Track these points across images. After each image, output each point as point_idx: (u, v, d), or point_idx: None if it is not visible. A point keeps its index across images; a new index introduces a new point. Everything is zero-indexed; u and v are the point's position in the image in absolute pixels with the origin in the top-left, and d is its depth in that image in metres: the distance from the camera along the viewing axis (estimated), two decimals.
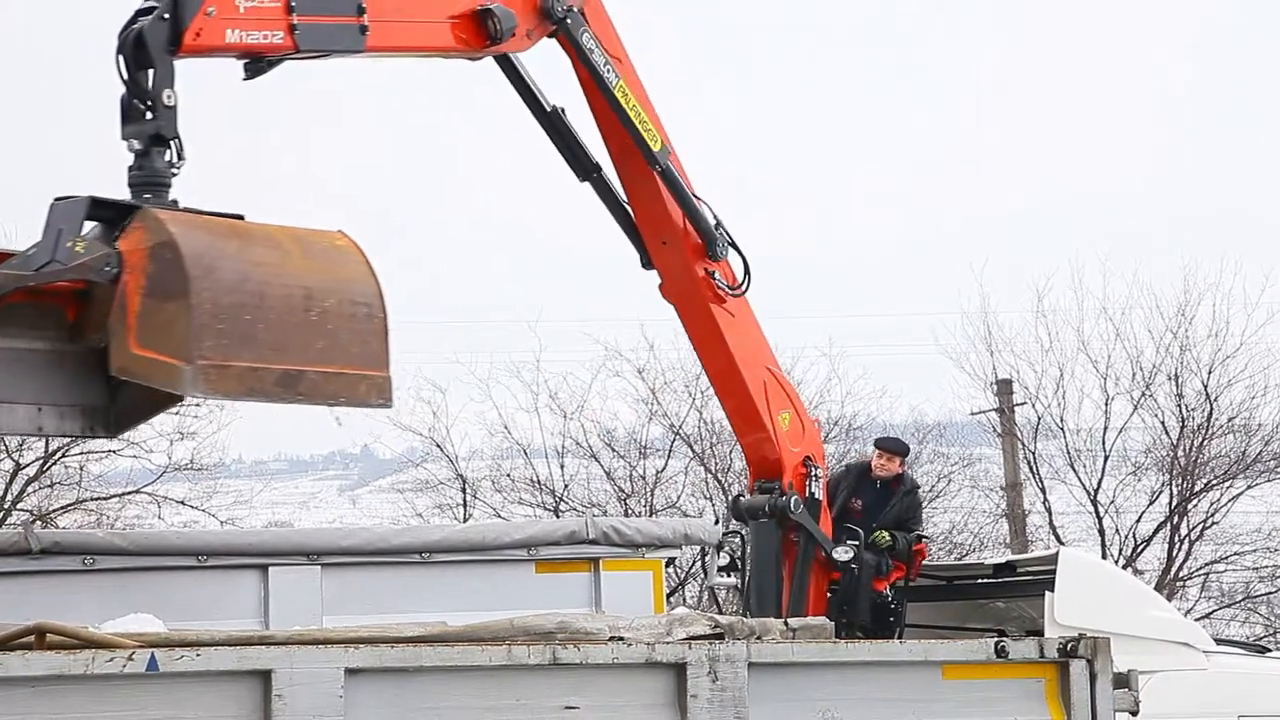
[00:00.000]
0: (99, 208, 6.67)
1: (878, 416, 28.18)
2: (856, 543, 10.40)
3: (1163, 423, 27.67)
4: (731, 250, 10.33)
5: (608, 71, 9.52)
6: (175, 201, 7.04)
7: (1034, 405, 28.32)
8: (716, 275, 10.21)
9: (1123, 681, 7.06)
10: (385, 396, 6.93)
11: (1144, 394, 27.66)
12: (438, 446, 27.81)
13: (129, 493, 25.61)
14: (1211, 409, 27.40)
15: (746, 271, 10.35)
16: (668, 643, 6.62)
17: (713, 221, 10.16)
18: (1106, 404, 27.82)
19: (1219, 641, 10.47)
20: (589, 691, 6.36)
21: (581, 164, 10.18)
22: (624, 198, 10.26)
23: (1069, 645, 6.94)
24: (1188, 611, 25.42)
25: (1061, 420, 28.13)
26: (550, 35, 9.39)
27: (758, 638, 6.90)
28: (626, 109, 9.68)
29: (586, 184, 10.24)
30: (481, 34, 8.81)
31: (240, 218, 7.05)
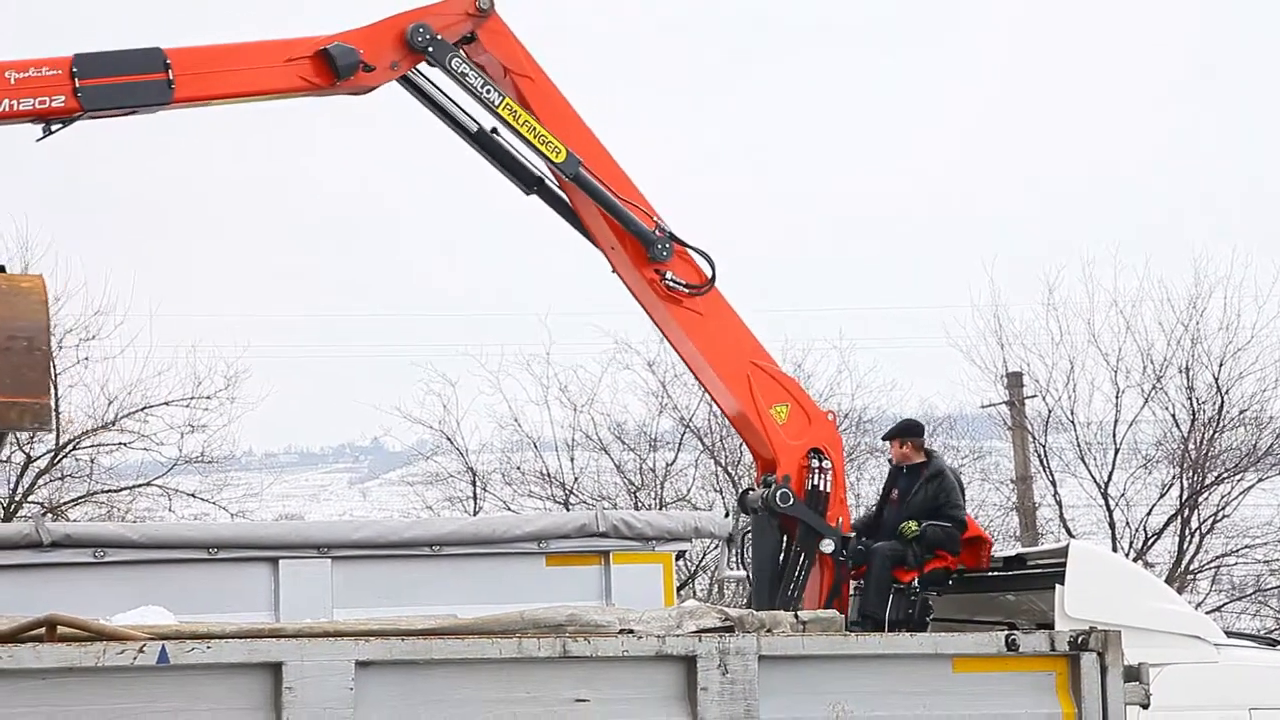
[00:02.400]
0: None
1: (888, 409, 28.17)
2: (841, 535, 10.22)
3: (1173, 416, 27.63)
4: (691, 250, 10.21)
5: (486, 93, 9.69)
6: None
7: (1044, 398, 28.31)
8: (669, 276, 10.09)
9: (1133, 674, 7.05)
10: (41, 420, 7.36)
11: (1155, 387, 27.62)
12: (448, 439, 27.84)
13: (140, 485, 25.63)
14: (1222, 402, 27.36)
15: (712, 269, 10.24)
16: (678, 635, 6.62)
17: (652, 224, 10.06)
18: (1117, 397, 27.78)
19: (1230, 634, 10.42)
20: (599, 684, 6.37)
21: (521, 179, 10.24)
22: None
23: (1079, 638, 6.94)
24: (1198, 604, 25.35)
25: (1072, 413, 28.11)
26: (427, 64, 9.69)
27: (768, 631, 6.89)
28: (516, 125, 9.79)
29: (533, 196, 10.28)
30: (330, 72, 9.35)
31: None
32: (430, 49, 9.61)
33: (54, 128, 8.87)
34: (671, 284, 10.13)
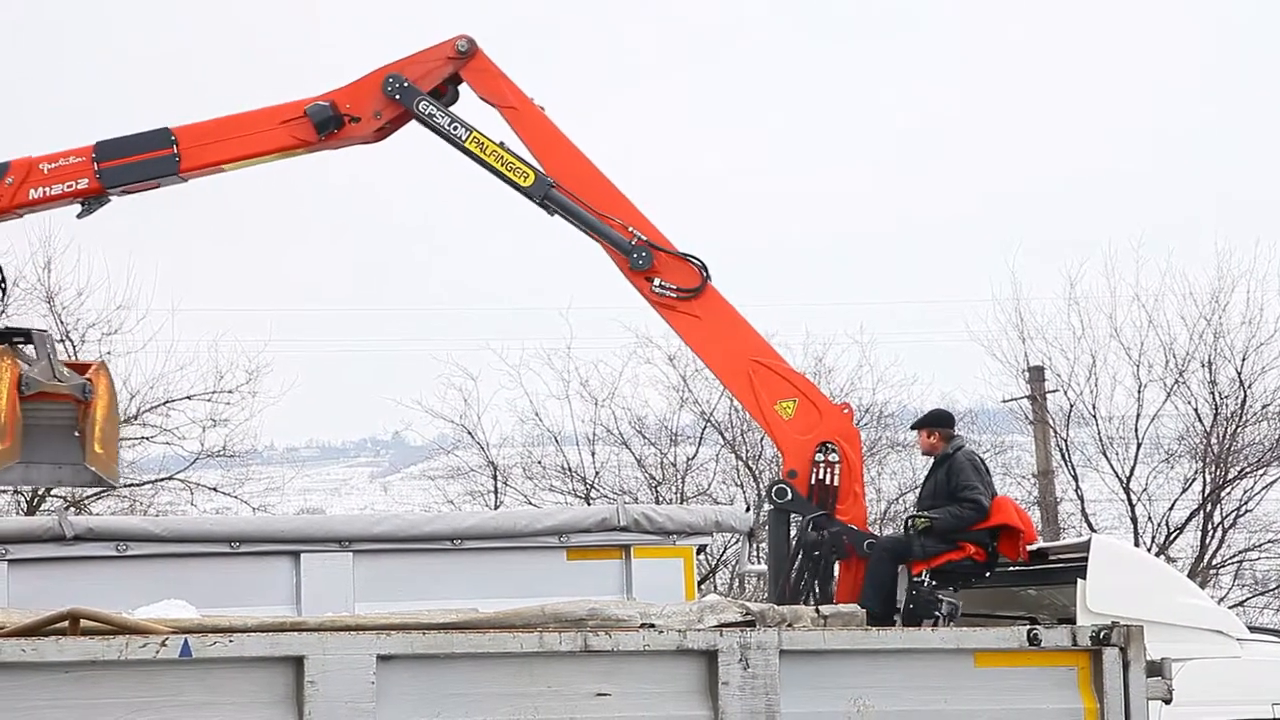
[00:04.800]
0: None
1: (909, 404, 28.11)
2: (828, 525, 10.10)
3: (1196, 410, 27.54)
4: (675, 256, 10.31)
5: (453, 130, 10.23)
6: None
7: (1066, 392, 28.21)
8: (659, 283, 10.28)
9: (1156, 669, 7.03)
10: None
11: (1177, 381, 27.51)
12: (469, 433, 27.87)
13: (162, 479, 25.68)
14: (1245, 396, 27.25)
15: (703, 272, 10.33)
16: (699, 630, 6.62)
17: (627, 234, 10.23)
18: (1139, 391, 27.68)
19: (1252, 629, 10.39)
20: (620, 678, 6.37)
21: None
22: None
23: (1102, 633, 6.93)
24: (1221, 599, 25.29)
25: (1094, 407, 28.02)
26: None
27: (789, 625, 6.89)
28: (485, 157, 10.27)
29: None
30: (315, 129, 10.13)
31: None
32: (398, 96, 10.20)
33: (89, 206, 10.05)
34: (660, 290, 10.27)
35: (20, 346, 9.32)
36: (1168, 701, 7.15)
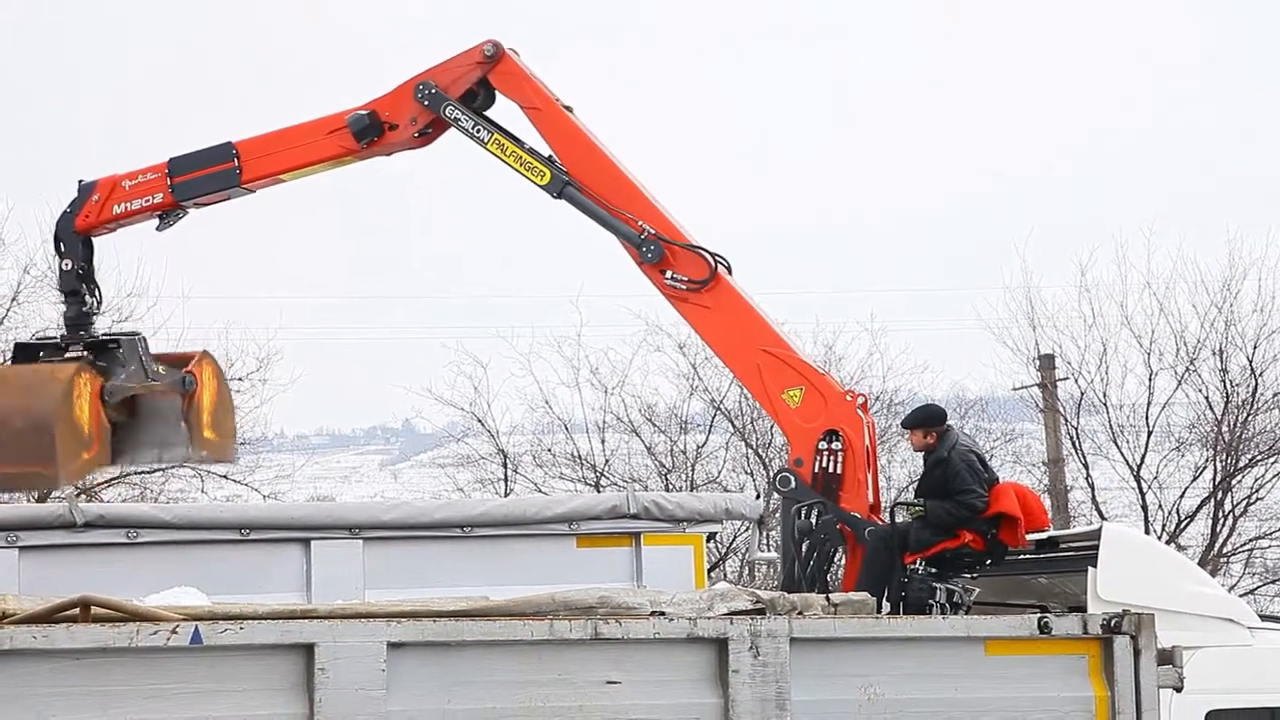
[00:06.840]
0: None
1: (919, 392, 28.12)
2: (825, 513, 10.05)
3: (1207, 398, 27.51)
4: (686, 249, 10.40)
5: (476, 132, 10.52)
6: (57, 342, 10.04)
7: (1076, 380, 28.21)
8: (671, 275, 10.38)
9: (1166, 657, 7.02)
10: (51, 484, 9.24)
11: (1188, 369, 27.49)
12: (479, 421, 27.90)
13: (172, 467, 25.68)
14: (1256, 384, 27.23)
15: (713, 263, 10.37)
16: (709, 618, 6.61)
17: (638, 228, 10.35)
18: (1150, 379, 27.68)
19: (1263, 618, 10.37)
20: (630, 666, 6.37)
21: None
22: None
23: (1112, 621, 6.92)
24: (1231, 587, 25.26)
25: (1104, 395, 28.01)
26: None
27: (799, 613, 6.88)
28: (505, 158, 10.56)
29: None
30: (355, 138, 10.45)
31: None
32: (427, 102, 10.47)
33: (166, 219, 10.54)
34: (672, 282, 10.34)
35: (116, 352, 10.08)
36: (1178, 689, 7.14)
